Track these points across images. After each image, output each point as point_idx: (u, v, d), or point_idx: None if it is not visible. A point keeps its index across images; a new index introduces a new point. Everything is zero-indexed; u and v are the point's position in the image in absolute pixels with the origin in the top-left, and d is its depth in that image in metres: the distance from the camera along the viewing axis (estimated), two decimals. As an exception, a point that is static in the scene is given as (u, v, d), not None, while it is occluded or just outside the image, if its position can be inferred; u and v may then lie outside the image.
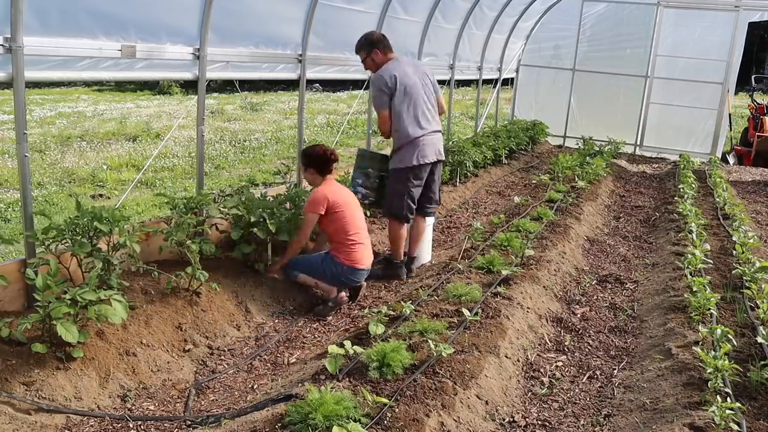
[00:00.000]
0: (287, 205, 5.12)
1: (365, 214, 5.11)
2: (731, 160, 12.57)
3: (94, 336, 3.49)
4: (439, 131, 5.21)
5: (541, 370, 3.73)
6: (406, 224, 5.22)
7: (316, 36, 6.18)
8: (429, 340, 3.34)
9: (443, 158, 5.28)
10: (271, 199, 5.20)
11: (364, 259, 4.65)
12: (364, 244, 4.67)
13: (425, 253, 5.62)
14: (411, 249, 5.43)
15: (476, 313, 3.88)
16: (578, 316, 4.57)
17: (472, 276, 4.71)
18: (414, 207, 5.17)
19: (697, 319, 4.01)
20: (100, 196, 8.11)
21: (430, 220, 5.52)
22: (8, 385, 3.06)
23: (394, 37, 7.70)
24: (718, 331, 3.46)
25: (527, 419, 3.20)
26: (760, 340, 3.53)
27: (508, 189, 9.04)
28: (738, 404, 2.84)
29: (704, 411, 2.90)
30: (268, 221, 4.58)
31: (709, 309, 4.06)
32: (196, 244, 4.18)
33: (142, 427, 3.11)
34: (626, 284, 5.26)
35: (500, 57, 12.05)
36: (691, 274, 4.72)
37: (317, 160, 4.67)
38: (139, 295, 4.01)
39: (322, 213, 4.54)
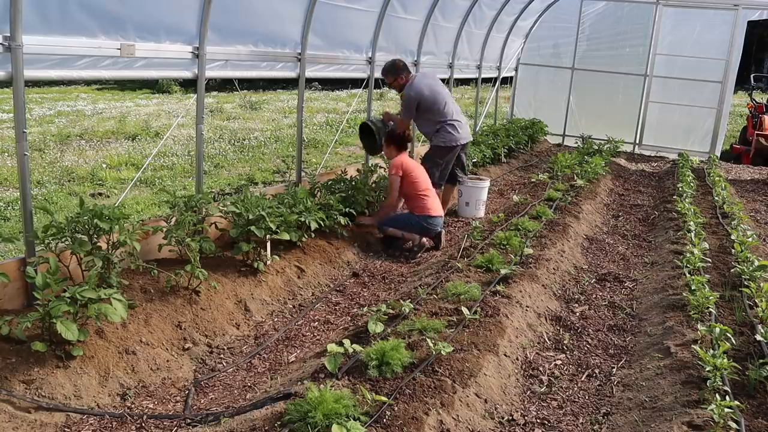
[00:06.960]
0: (286, 203, 5.12)
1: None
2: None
3: (94, 334, 3.49)
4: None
5: (540, 368, 3.74)
6: (438, 189, 6.60)
7: (315, 35, 6.18)
8: (428, 339, 3.35)
9: (471, 140, 7.09)
10: (270, 197, 5.20)
11: (435, 207, 6.01)
12: (432, 197, 6.07)
13: (481, 211, 7.30)
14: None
15: (475, 312, 3.88)
16: (577, 314, 4.57)
17: (471, 274, 4.71)
18: (446, 176, 6.82)
19: (696, 318, 4.02)
20: (100, 194, 8.11)
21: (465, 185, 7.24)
22: (8, 384, 3.06)
23: (394, 36, 7.76)
24: (717, 329, 3.47)
25: (526, 417, 3.21)
26: (758, 338, 3.54)
27: (507, 188, 9.05)
28: (737, 402, 2.85)
29: (703, 409, 2.91)
30: (267, 219, 4.59)
31: (708, 307, 4.06)
32: (196, 242, 4.18)
33: (141, 425, 3.11)
34: (625, 283, 5.26)
35: (499, 55, 12.05)
36: (690, 273, 4.72)
37: (398, 139, 6.19)
38: (138, 294, 4.01)
39: (401, 175, 5.90)
